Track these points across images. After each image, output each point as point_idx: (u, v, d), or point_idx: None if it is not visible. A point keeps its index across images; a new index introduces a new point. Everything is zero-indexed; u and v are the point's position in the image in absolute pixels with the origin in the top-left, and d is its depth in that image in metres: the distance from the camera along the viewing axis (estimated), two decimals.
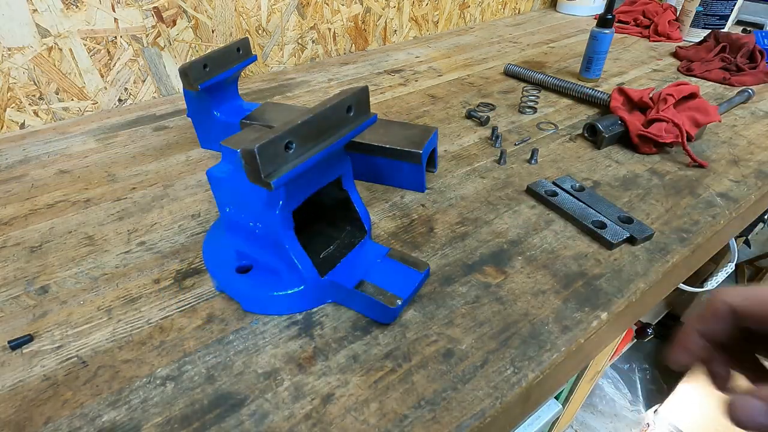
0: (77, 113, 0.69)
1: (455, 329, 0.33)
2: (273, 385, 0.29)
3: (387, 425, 0.27)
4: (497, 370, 0.30)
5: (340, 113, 0.30)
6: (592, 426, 1.27)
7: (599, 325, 0.33)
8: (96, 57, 0.67)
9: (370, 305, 0.33)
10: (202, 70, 0.50)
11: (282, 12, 0.81)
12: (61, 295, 0.37)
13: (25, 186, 0.52)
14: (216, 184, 0.35)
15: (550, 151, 0.55)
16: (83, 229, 0.45)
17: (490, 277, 0.37)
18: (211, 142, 0.58)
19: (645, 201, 0.46)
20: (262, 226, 0.33)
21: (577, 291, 0.36)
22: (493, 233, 0.42)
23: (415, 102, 0.70)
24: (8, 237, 0.44)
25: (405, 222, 0.44)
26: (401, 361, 0.30)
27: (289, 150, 0.28)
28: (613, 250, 0.40)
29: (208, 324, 0.34)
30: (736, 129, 0.60)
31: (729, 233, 0.49)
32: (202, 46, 0.75)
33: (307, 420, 0.27)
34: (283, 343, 0.32)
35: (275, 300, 0.33)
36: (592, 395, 1.30)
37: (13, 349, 0.32)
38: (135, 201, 0.48)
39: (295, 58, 0.87)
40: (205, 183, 0.51)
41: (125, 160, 0.57)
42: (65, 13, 0.62)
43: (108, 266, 0.40)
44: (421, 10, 1.01)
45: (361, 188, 0.49)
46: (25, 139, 0.63)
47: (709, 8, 0.91)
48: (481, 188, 0.48)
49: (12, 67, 0.62)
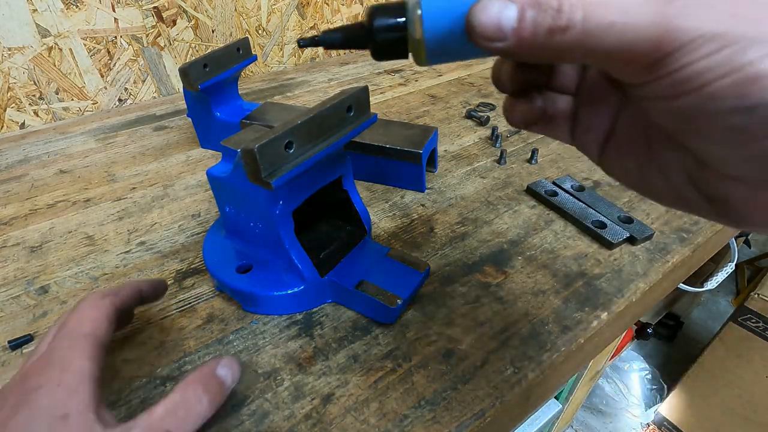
0: (77, 113, 0.69)
1: (455, 329, 0.33)
2: (273, 384, 0.29)
3: (387, 425, 0.27)
4: (497, 370, 0.30)
5: (340, 113, 0.30)
6: (592, 426, 1.27)
7: (599, 325, 0.33)
8: (96, 57, 0.67)
9: (370, 305, 0.33)
10: (202, 70, 0.50)
11: (282, 12, 0.81)
12: (61, 295, 0.37)
13: (25, 186, 0.52)
14: (216, 184, 0.35)
15: (550, 151, 0.55)
16: (83, 229, 0.45)
17: (490, 277, 0.37)
18: (211, 142, 0.58)
19: (645, 201, 0.46)
20: (262, 226, 0.33)
21: (577, 291, 0.36)
22: (493, 233, 0.42)
23: (415, 102, 0.70)
24: (8, 237, 0.44)
25: (405, 222, 0.44)
26: (401, 361, 0.30)
27: (289, 150, 0.28)
28: (613, 250, 0.40)
29: (208, 324, 0.34)
30: None
31: (729, 233, 0.49)
32: (202, 46, 0.75)
33: (307, 420, 0.27)
34: (283, 343, 0.32)
35: (275, 300, 0.33)
36: (592, 395, 1.30)
37: (13, 349, 0.32)
38: (135, 201, 0.48)
39: (295, 58, 0.87)
40: (205, 183, 0.51)
41: (125, 160, 0.57)
42: (65, 13, 0.62)
43: (108, 266, 0.40)
44: None
45: (361, 188, 0.49)
46: (25, 139, 0.63)
47: None
48: (481, 188, 0.48)
49: (12, 67, 0.62)
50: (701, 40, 0.14)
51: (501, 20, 0.16)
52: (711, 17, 0.14)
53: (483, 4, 0.16)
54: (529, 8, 0.15)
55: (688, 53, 0.14)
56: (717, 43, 0.14)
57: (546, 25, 0.15)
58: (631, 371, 1.31)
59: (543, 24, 0.15)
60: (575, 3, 0.15)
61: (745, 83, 0.13)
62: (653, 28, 0.14)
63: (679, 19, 0.14)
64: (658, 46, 0.14)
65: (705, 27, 0.14)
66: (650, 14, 0.14)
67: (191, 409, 0.23)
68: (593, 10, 0.15)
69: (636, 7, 0.14)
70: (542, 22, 0.15)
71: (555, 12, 0.15)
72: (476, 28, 0.16)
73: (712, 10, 0.14)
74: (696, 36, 0.14)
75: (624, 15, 0.14)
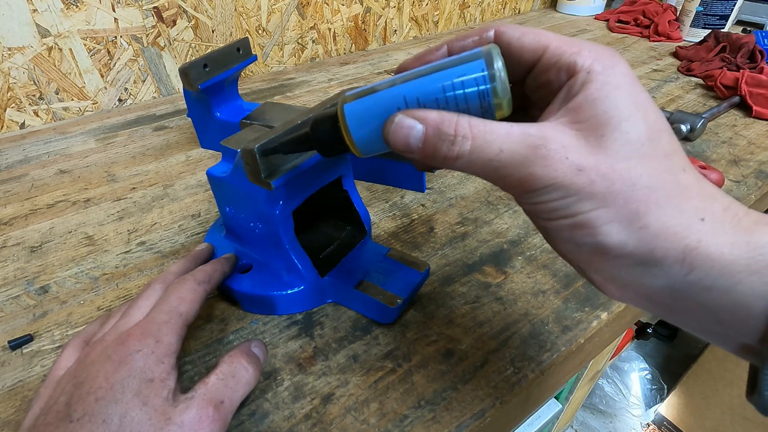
0: (77, 113, 0.69)
1: (455, 329, 0.33)
2: (273, 384, 0.29)
3: (387, 425, 0.27)
4: (497, 370, 0.30)
5: None
6: (592, 426, 1.27)
7: (599, 325, 0.33)
8: (96, 57, 0.67)
9: (370, 305, 0.33)
10: (202, 70, 0.50)
11: (282, 12, 0.81)
12: (61, 295, 0.37)
13: (25, 186, 0.52)
14: (216, 184, 0.35)
15: None
16: (83, 229, 0.45)
17: (490, 277, 0.37)
18: (211, 142, 0.58)
19: None
20: (262, 226, 0.33)
21: (577, 291, 0.36)
22: (493, 233, 0.42)
23: None
24: (8, 237, 0.44)
25: (405, 222, 0.44)
26: (401, 361, 0.30)
27: None
28: None
29: (208, 324, 0.34)
30: (736, 129, 0.60)
31: None
32: (202, 46, 0.75)
33: (307, 420, 0.27)
34: (283, 343, 0.32)
35: (275, 300, 0.33)
36: (592, 395, 1.30)
37: (13, 349, 0.32)
38: (135, 201, 0.48)
39: (295, 58, 0.87)
40: (205, 183, 0.51)
41: (125, 160, 0.57)
42: (65, 13, 0.62)
43: (108, 266, 0.40)
44: (422, 10, 1.01)
45: (361, 188, 0.49)
46: (25, 139, 0.63)
47: (709, 8, 0.91)
48: (481, 188, 0.48)
49: (12, 67, 0.62)
50: (551, 188, 0.18)
51: (409, 139, 0.20)
52: (560, 169, 0.18)
53: (395, 126, 0.20)
54: (432, 134, 0.19)
55: (538, 195, 0.18)
56: (561, 192, 0.18)
57: (443, 152, 0.19)
58: (631, 371, 1.31)
59: (441, 149, 0.19)
60: (466, 135, 0.19)
61: (577, 226, 0.18)
62: (521, 170, 0.18)
63: (538, 168, 0.18)
64: (522, 185, 0.19)
65: (556, 177, 0.18)
66: (520, 158, 0.18)
67: (240, 377, 0.25)
68: (478, 145, 0.19)
69: (509, 151, 0.18)
70: (440, 148, 0.19)
71: (450, 143, 0.19)
72: (390, 144, 0.20)
73: (563, 163, 0.17)
74: (548, 184, 0.18)
75: (499, 155, 0.18)
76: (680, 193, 0.18)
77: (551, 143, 0.18)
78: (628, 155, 0.17)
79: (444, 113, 0.19)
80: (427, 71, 0.20)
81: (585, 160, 0.17)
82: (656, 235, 0.17)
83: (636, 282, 0.18)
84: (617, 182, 0.17)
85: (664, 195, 0.17)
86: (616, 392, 1.28)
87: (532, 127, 0.18)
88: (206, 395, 0.23)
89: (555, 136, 0.18)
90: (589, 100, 0.18)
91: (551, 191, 0.18)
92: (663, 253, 0.17)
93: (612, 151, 0.17)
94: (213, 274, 0.31)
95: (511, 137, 0.18)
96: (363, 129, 0.21)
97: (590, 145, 0.18)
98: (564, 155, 0.18)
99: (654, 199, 0.17)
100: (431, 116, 0.19)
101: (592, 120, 0.18)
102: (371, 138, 0.21)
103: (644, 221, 0.17)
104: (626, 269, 0.18)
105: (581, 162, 0.17)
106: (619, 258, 0.18)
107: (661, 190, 0.17)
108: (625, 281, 0.19)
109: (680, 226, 0.17)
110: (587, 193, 0.17)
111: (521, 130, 0.18)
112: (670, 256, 0.17)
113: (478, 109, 0.19)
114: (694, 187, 0.18)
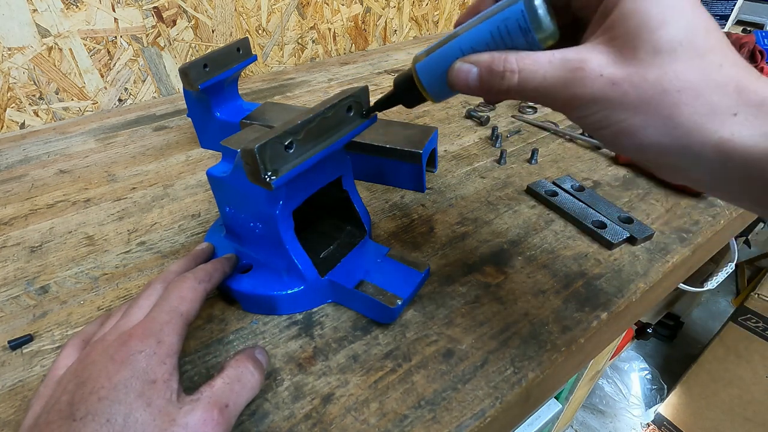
0: (77, 113, 0.69)
1: (455, 329, 0.33)
2: (273, 384, 0.29)
3: (387, 425, 0.27)
4: (497, 370, 0.30)
5: (340, 113, 0.30)
6: (592, 426, 1.27)
7: (599, 325, 0.33)
8: (96, 57, 0.67)
9: (370, 305, 0.33)
10: (202, 70, 0.50)
11: (282, 12, 0.81)
12: (61, 295, 0.37)
13: (25, 186, 0.52)
14: (216, 184, 0.35)
15: (550, 151, 0.55)
16: (83, 229, 0.45)
17: (490, 277, 0.37)
18: (211, 142, 0.58)
19: (645, 201, 0.46)
20: (262, 226, 0.33)
21: (577, 291, 0.36)
22: (493, 233, 0.42)
23: None
24: (8, 237, 0.44)
25: (405, 222, 0.44)
26: (401, 361, 0.30)
27: (289, 150, 0.28)
28: (613, 250, 0.40)
29: (208, 324, 0.34)
30: None
31: (729, 233, 0.49)
32: (202, 46, 0.75)
33: (307, 420, 0.27)
34: (283, 343, 0.32)
35: (275, 300, 0.33)
36: (592, 395, 1.30)
37: (13, 349, 0.32)
38: (135, 201, 0.48)
39: (295, 58, 0.88)
40: (205, 183, 0.51)
41: (125, 160, 0.57)
42: (65, 13, 0.62)
43: (108, 266, 0.40)
44: (421, 10, 1.01)
45: (361, 188, 0.49)
46: (25, 139, 0.63)
47: (709, 8, 0.91)
48: (481, 188, 0.48)
49: (12, 67, 0.62)
50: (591, 103, 0.21)
51: (468, 81, 0.24)
52: (596, 86, 0.20)
53: (455, 72, 0.24)
54: (485, 73, 0.23)
55: (582, 110, 0.21)
56: (599, 106, 0.20)
57: (496, 86, 0.23)
58: (631, 371, 1.31)
59: (494, 85, 0.23)
60: (513, 69, 0.22)
61: (619, 134, 0.21)
62: (565, 91, 0.21)
63: (578, 88, 0.21)
64: (567, 104, 0.22)
65: (593, 93, 0.20)
66: (562, 81, 0.21)
67: (246, 382, 0.25)
68: (524, 77, 0.22)
69: (552, 77, 0.21)
70: (494, 84, 0.23)
71: (500, 78, 0.23)
72: (453, 87, 0.25)
73: (599, 80, 0.20)
74: (588, 101, 0.21)
75: (544, 82, 0.21)
76: (712, 91, 0.19)
77: (588, 63, 0.20)
78: (660, 63, 0.19)
79: (494, 53, 0.23)
80: (477, 22, 0.23)
81: (618, 73, 0.20)
82: (688, 132, 0.19)
83: (684, 170, 0.21)
84: (649, 90, 0.19)
85: (694, 95, 0.19)
86: (616, 392, 1.28)
87: (572, 51, 0.21)
88: (211, 398, 0.23)
89: (591, 56, 0.20)
90: (622, 13, 0.20)
91: (591, 106, 0.21)
92: (699, 148, 0.19)
93: (645, 61, 0.19)
94: (213, 273, 0.31)
95: (553, 64, 0.21)
96: (433, 79, 0.26)
97: (625, 58, 0.20)
98: (599, 73, 0.20)
99: (684, 100, 0.19)
100: (483, 58, 0.23)
101: (625, 35, 0.20)
102: (440, 85, 0.26)
103: (676, 122, 0.19)
104: (672, 161, 0.21)
105: (615, 76, 0.20)
106: (662, 154, 0.21)
107: (691, 91, 0.19)
108: (673, 169, 0.22)
109: (712, 122, 0.19)
110: (621, 103, 0.20)
111: (562, 56, 0.21)
112: (705, 149, 0.19)
113: (524, 45, 0.22)
114: (731, 82, 0.19)
